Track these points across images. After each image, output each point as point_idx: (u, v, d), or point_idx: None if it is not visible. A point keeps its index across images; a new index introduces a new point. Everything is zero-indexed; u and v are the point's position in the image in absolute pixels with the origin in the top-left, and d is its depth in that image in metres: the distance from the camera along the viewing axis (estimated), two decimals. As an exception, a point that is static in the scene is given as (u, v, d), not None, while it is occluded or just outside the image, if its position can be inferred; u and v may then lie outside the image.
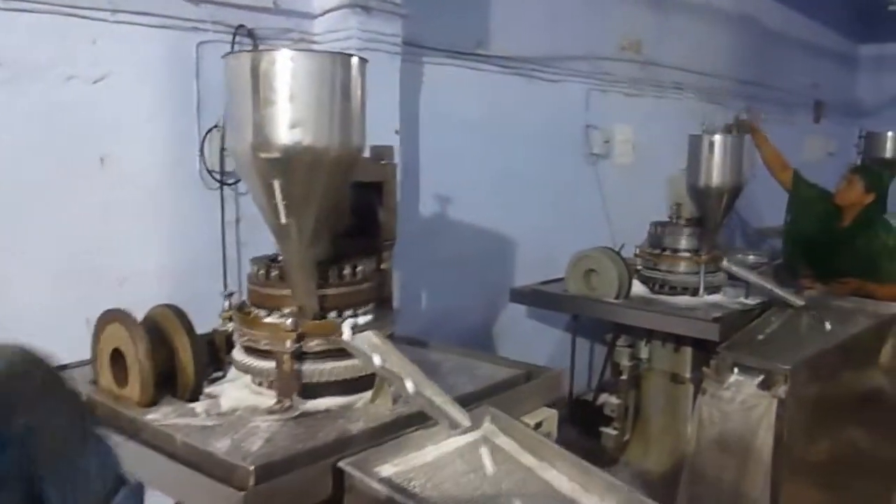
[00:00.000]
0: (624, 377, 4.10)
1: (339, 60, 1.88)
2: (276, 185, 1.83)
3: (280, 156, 1.82)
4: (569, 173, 5.27)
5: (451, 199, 4.38)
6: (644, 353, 4.11)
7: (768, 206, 7.23)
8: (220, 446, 1.79)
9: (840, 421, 3.47)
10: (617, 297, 3.85)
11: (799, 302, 3.71)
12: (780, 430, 3.03)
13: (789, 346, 3.40)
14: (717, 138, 3.68)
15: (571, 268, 4.04)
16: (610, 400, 4.14)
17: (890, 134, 6.76)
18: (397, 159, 3.61)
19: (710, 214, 3.80)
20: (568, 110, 5.24)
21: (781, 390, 2.99)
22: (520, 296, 4.22)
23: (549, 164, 5.08)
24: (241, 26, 3.25)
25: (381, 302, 2.38)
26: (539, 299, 4.16)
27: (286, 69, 1.81)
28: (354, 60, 1.91)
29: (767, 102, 7.66)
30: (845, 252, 4.17)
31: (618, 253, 3.93)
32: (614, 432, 4.14)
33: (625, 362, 4.09)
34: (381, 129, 3.55)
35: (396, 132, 3.63)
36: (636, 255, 4.11)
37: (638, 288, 4.07)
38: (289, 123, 1.81)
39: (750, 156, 3.85)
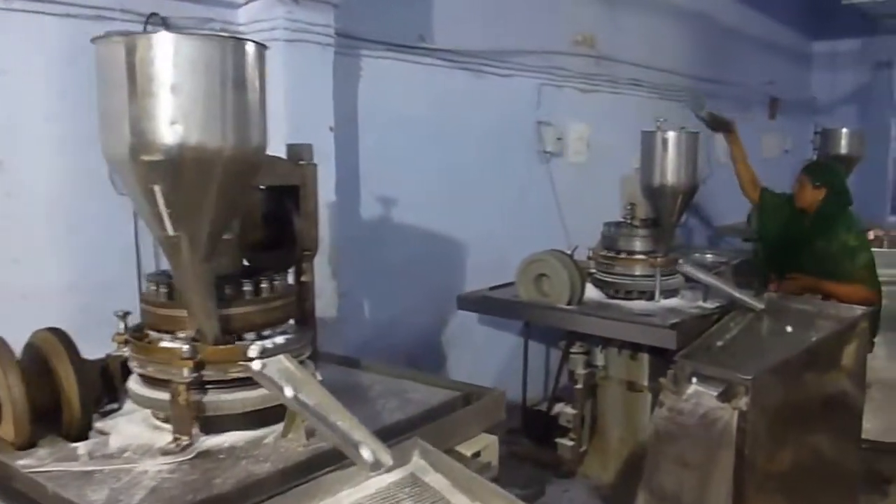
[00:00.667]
0: (579, 386, 3.88)
1: (231, 45, 1.62)
2: (158, 191, 1.57)
3: (162, 157, 1.56)
4: (520, 172, 5.05)
5: (396, 202, 4.13)
6: (600, 360, 3.91)
7: (726, 204, 7.10)
8: (95, 499, 1.52)
9: (803, 428, 3.29)
10: (569, 303, 3.63)
11: (759, 305, 3.53)
12: (741, 443, 2.83)
13: (750, 354, 3.21)
14: (672, 135, 3.48)
15: (521, 272, 3.82)
16: (565, 410, 3.92)
17: (845, 130, 6.66)
18: (331, 159, 3.40)
19: (666, 214, 3.60)
20: (519, 106, 5.02)
21: (743, 402, 2.79)
22: (468, 302, 3.98)
23: (500, 162, 4.86)
24: (154, 14, 2.97)
25: (302, 319, 2.13)
26: (488, 306, 3.92)
27: (167, 55, 1.54)
28: (250, 46, 1.66)
29: (724, 99, 7.52)
30: (806, 253, 4.01)
31: (570, 256, 3.72)
32: (570, 443, 3.93)
33: (580, 370, 3.88)
34: (313, 127, 3.31)
35: (331, 129, 3.37)
36: (589, 258, 3.90)
37: (592, 293, 3.86)
38: (171, 119, 1.55)
39: (706, 152, 3.64)
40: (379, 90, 3.97)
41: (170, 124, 1.55)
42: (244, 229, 2.00)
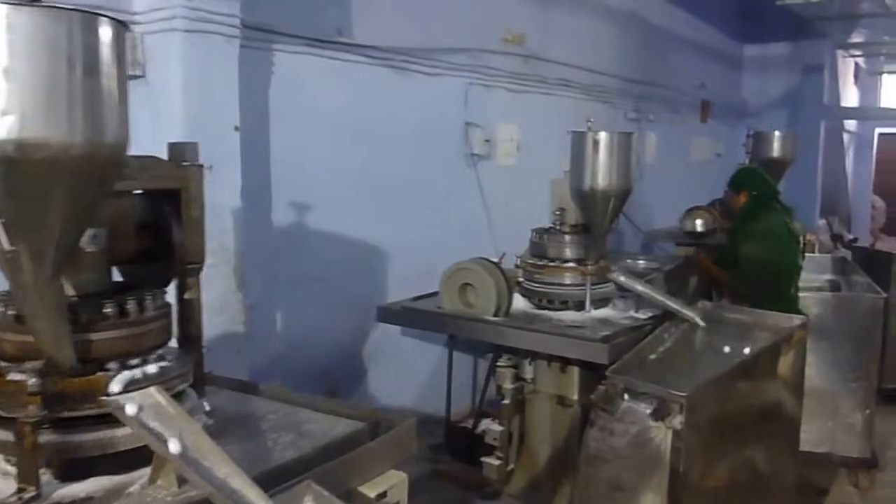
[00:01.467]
0: (506, 401, 3.68)
1: (79, 21, 1.36)
2: (-16, 197, 1.30)
3: (-10, 155, 1.29)
4: (446, 176, 4.84)
5: (312, 207, 3.87)
6: (529, 373, 3.71)
7: (659, 208, 7.04)
8: None
9: (740, 441, 3.15)
10: (496, 315, 3.43)
11: (694, 317, 3.39)
12: (676, 462, 2.66)
13: (685, 368, 3.06)
14: (603, 136, 3.30)
15: (445, 282, 3.60)
16: (491, 427, 3.71)
17: (777, 133, 6.63)
18: (236, 161, 3.12)
19: (597, 220, 3.43)
20: (445, 107, 4.81)
21: (677, 420, 2.62)
22: (388, 314, 3.74)
23: (425, 165, 4.64)
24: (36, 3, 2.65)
25: (185, 342, 1.87)
26: (410, 318, 3.68)
27: (-3, 31, 1.28)
28: (106, 23, 1.40)
29: (654, 101, 7.48)
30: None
31: (496, 264, 3.51)
32: (497, 462, 3.72)
33: (507, 385, 3.67)
34: (216, 126, 3.04)
35: (236, 129, 3.10)
36: (517, 266, 3.71)
37: (520, 303, 3.67)
38: (3, 109, 1.28)
39: (638, 154, 3.49)
40: (293, 88, 3.71)
41: (1, 115, 1.28)
42: (113, 240, 1.73)
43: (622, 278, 3.53)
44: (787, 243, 4.22)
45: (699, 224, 6.12)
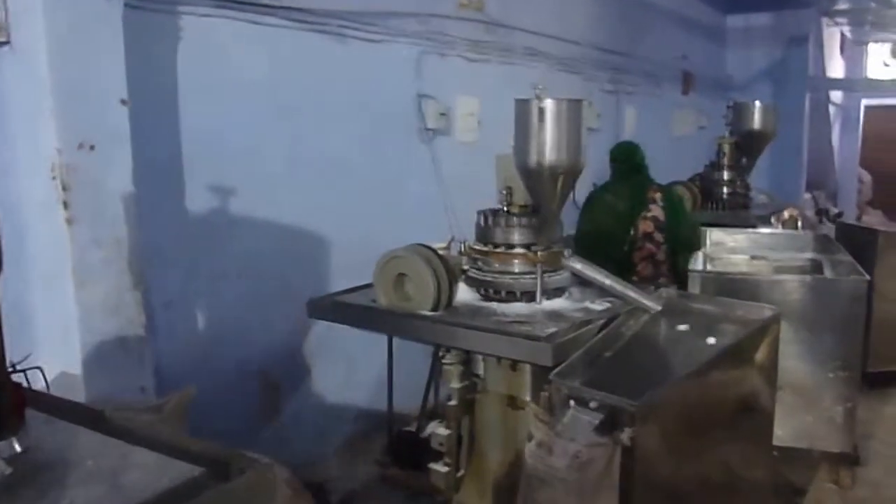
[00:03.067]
0: (454, 402, 3.29)
1: None
2: None
3: None
4: (397, 153, 4.45)
5: (236, 191, 3.49)
6: (480, 369, 3.33)
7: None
8: None
9: (706, 445, 2.79)
10: (434, 309, 3.04)
11: (655, 306, 3.02)
12: (628, 486, 2.30)
13: (642, 368, 2.69)
14: (549, 103, 2.90)
15: (379, 272, 3.21)
16: (437, 431, 3.34)
17: (758, 104, 6.24)
18: (124, 140, 2.71)
19: (546, 199, 3.04)
20: (393, 77, 4.40)
21: (626, 435, 2.26)
22: (318, 309, 3.33)
23: (371, 142, 4.25)
24: None
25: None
26: (341, 314, 3.28)
27: None
28: None
29: (633, 73, 7.08)
30: None
31: (435, 251, 3.12)
32: (445, 469, 3.34)
33: (455, 384, 3.28)
34: (96, 100, 2.62)
35: (124, 103, 2.68)
36: (461, 253, 3.31)
37: (465, 294, 3.28)
38: None
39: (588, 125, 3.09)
40: (207, 57, 3.31)
41: None
42: None
43: (578, 265, 3.14)
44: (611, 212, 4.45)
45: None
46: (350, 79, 4.05)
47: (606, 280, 3.09)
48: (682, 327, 2.88)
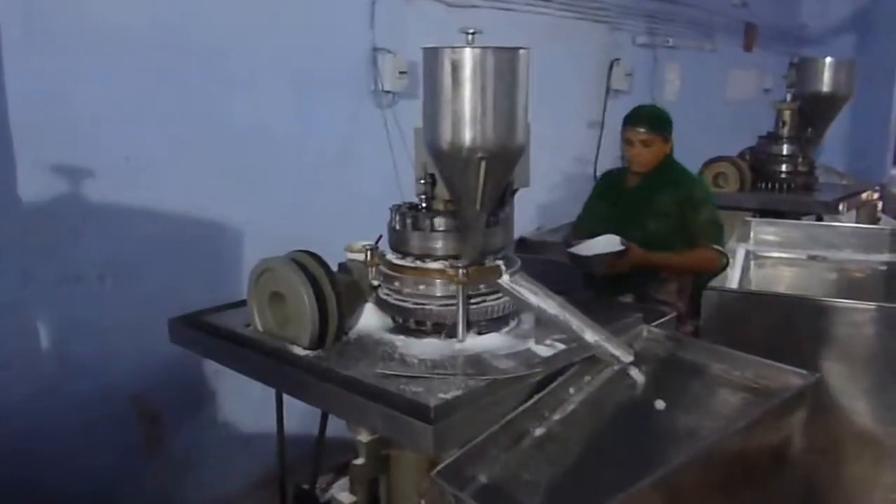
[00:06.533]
0: (360, 460, 2.39)
1: None
2: None
3: None
4: (341, 121, 3.53)
5: (95, 173, 2.68)
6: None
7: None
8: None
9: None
10: (314, 346, 2.14)
11: (624, 356, 2.05)
12: None
13: (584, 465, 1.73)
14: (467, 55, 1.93)
15: (252, 286, 2.32)
16: (339, 498, 2.46)
17: (828, 60, 5.05)
18: None
19: (466, 195, 2.08)
20: (338, 25, 3.47)
21: None
22: (182, 333, 2.45)
23: (303, 108, 3.34)
24: None
25: None
26: (203, 343, 2.39)
27: None
28: None
29: (677, 23, 5.93)
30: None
31: (322, 263, 2.20)
32: (350, 551, 2.47)
33: (362, 436, 2.39)
34: None
35: None
36: (367, 264, 2.38)
37: (373, 320, 2.37)
38: None
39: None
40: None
41: None
42: None
43: (518, 287, 2.18)
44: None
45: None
46: (274, 26, 3.15)
47: (552, 310, 2.13)
48: (659, 405, 1.89)
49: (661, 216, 3.10)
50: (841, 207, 4.58)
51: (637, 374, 2.02)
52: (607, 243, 2.87)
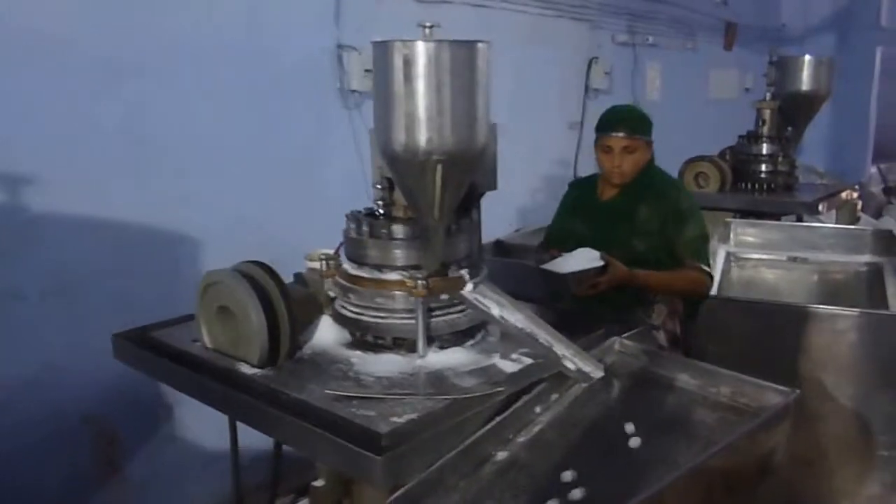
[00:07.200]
0: (320, 482, 2.25)
1: None
2: None
3: None
4: (304, 123, 3.38)
5: (35, 182, 2.52)
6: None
7: (662, 161, 5.44)
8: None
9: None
10: (264, 365, 1.99)
11: (594, 371, 1.92)
12: None
13: (548, 497, 1.59)
14: (420, 49, 1.79)
15: (199, 301, 2.18)
16: (299, 527, 2.32)
17: (807, 58, 4.97)
18: None
19: (423, 202, 1.94)
20: (300, 22, 3.32)
21: None
22: (123, 350, 2.30)
23: (266, 107, 3.20)
24: None
25: None
26: (146, 360, 2.24)
27: None
28: None
29: (658, 21, 5.83)
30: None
31: (273, 275, 2.06)
32: (311, 578, 2.33)
33: (323, 459, 2.25)
34: None
35: None
36: (322, 275, 2.24)
37: (330, 334, 2.22)
38: None
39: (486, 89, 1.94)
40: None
41: None
42: None
43: (483, 299, 2.05)
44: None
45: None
46: (230, 22, 3.00)
47: (519, 323, 1.99)
48: (629, 428, 1.75)
49: (643, 233, 2.73)
50: (821, 207, 4.51)
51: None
52: (585, 258, 2.53)
